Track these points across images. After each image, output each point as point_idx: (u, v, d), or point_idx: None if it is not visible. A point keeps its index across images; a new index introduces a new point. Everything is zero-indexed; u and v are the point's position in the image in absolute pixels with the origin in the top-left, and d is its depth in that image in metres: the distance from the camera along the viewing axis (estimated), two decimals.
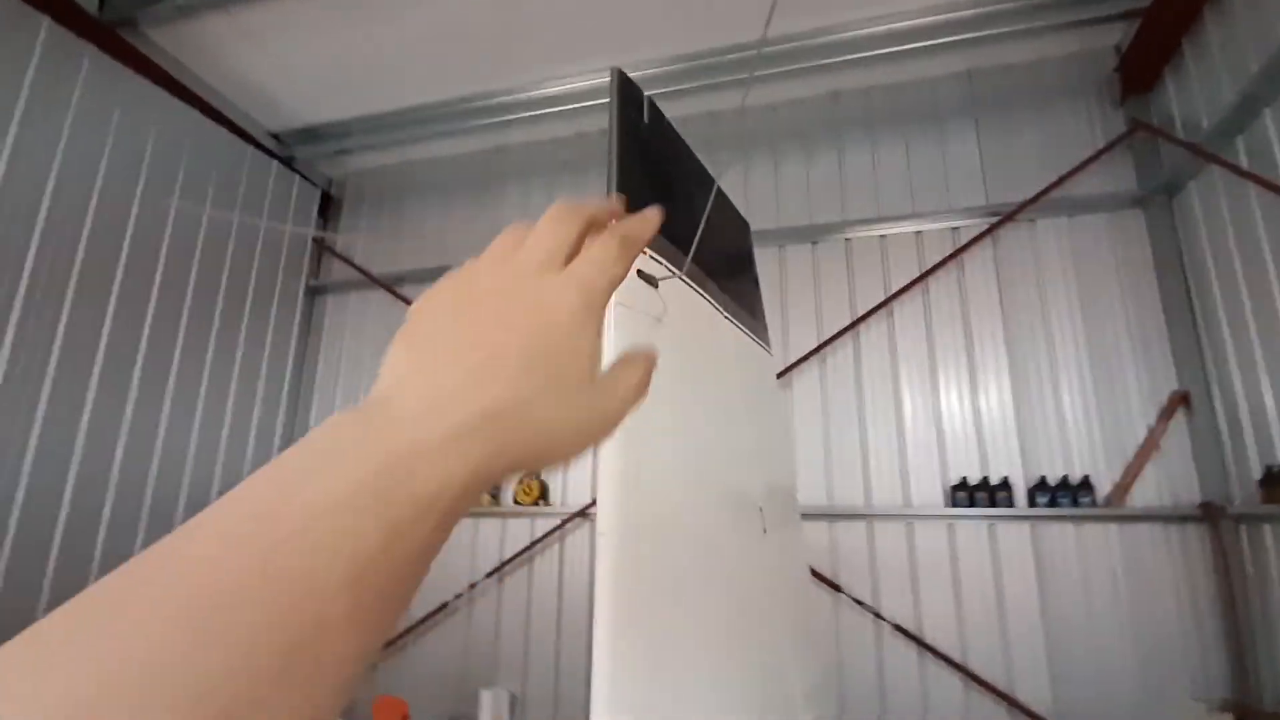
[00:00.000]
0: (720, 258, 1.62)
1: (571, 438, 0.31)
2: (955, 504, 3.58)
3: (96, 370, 3.68)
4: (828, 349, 4.03)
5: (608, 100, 1.20)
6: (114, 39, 3.93)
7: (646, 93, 1.36)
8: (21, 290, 3.33)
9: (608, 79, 1.20)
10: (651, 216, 0.41)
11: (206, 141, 4.41)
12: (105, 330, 3.74)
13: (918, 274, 3.97)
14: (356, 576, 0.22)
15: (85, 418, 3.59)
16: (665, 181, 1.33)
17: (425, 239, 5.05)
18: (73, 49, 3.70)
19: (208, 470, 4.29)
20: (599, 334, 0.34)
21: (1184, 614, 3.21)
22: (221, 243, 4.46)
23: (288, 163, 4.97)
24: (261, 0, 3.79)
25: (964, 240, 3.94)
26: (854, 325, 3.99)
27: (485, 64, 4.29)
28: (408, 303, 4.93)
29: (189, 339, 4.21)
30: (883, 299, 3.98)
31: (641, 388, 0.35)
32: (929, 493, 3.69)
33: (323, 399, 5.00)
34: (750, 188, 4.42)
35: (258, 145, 4.77)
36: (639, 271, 1.12)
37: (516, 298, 0.33)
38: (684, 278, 1.25)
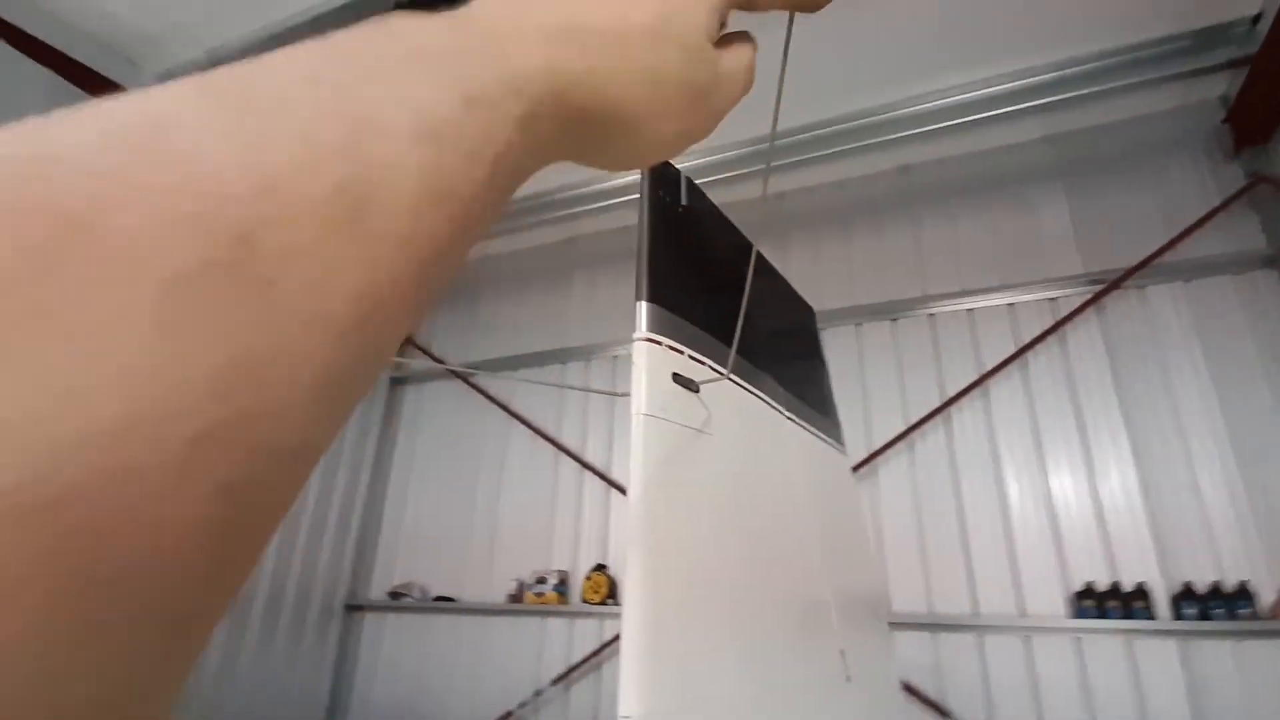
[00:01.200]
0: (779, 349, 1.47)
1: (675, 96, 0.27)
2: (1081, 614, 3.08)
3: None
4: (916, 434, 3.70)
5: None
6: None
7: (704, 178, 1.28)
8: None
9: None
10: None
11: None
12: None
13: (1014, 349, 3.63)
14: (430, 131, 0.18)
15: None
16: (708, 271, 1.22)
17: (500, 329, 5.17)
18: None
19: (287, 551, 4.35)
20: (717, 19, 0.29)
21: None
22: None
23: None
24: None
25: (1064, 311, 3.60)
26: (944, 407, 3.67)
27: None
28: (483, 393, 5.10)
29: None
30: (975, 377, 3.65)
31: (750, 74, 0.31)
32: (1048, 600, 3.21)
33: (398, 485, 5.06)
34: (820, 264, 4.27)
35: None
36: (674, 375, 0.99)
37: None
38: (731, 377, 1.12)
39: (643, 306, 0.99)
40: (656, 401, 0.94)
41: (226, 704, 3.81)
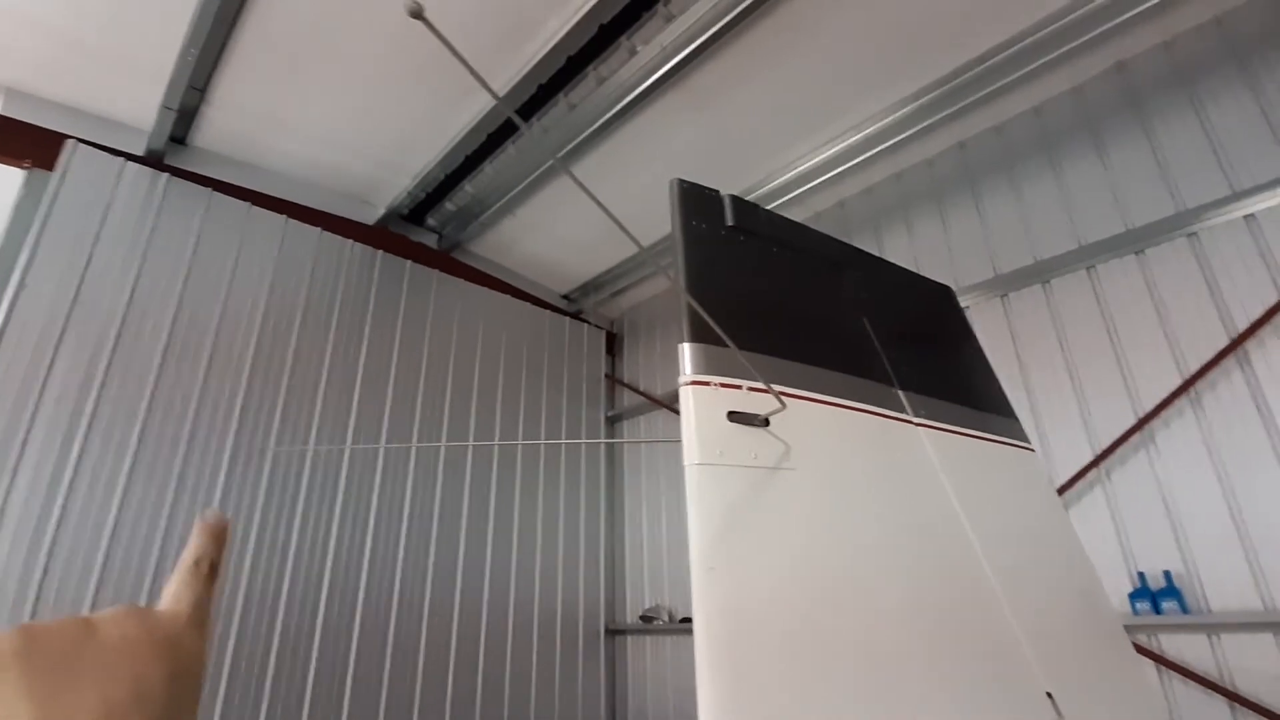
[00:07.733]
0: (908, 350, 1.32)
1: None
2: None
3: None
4: (1201, 382, 2.96)
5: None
6: (450, 261, 5.18)
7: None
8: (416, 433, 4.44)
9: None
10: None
11: (518, 316, 5.42)
12: (467, 472, 4.69)
13: None
14: None
15: (462, 539, 4.50)
16: (772, 286, 1.15)
17: None
18: (427, 277, 4.98)
19: (550, 582, 4.90)
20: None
21: None
22: (537, 391, 5.32)
23: (576, 315, 5.80)
24: (532, 198, 4.63)
25: None
26: (1237, 344, 2.89)
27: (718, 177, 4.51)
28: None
29: (524, 470, 5.02)
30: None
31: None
32: None
33: (634, 514, 5.40)
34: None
35: (552, 308, 5.69)
36: (730, 414, 0.95)
37: None
38: (814, 396, 1.04)
39: (685, 349, 0.96)
40: (712, 447, 0.92)
41: None
